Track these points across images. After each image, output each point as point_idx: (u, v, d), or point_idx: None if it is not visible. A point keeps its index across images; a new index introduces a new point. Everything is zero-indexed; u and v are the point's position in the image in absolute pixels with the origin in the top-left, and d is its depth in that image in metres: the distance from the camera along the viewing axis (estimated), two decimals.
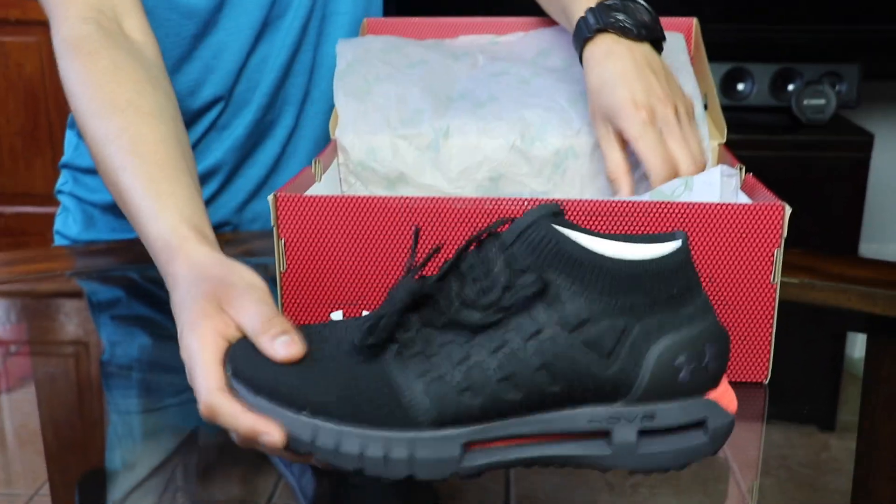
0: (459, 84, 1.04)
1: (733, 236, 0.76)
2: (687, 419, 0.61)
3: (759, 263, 0.76)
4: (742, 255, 0.76)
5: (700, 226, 0.76)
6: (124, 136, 0.84)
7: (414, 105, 0.98)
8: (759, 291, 0.77)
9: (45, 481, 0.67)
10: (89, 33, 0.92)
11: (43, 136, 2.58)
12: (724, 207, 0.76)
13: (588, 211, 0.77)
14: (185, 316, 0.65)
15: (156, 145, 0.83)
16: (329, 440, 0.59)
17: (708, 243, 0.76)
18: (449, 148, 0.96)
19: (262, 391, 0.60)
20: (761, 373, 0.79)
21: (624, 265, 0.59)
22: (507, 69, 1.04)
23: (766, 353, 0.78)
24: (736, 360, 0.79)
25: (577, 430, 0.61)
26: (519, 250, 0.60)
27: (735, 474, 0.68)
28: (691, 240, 0.76)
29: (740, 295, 0.77)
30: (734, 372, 0.79)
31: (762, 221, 0.75)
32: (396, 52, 1.07)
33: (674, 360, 0.60)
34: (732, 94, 2.38)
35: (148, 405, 0.78)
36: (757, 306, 0.77)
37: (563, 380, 0.59)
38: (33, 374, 0.86)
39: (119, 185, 0.82)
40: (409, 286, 0.61)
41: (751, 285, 0.77)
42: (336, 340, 0.63)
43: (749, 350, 0.78)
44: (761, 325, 0.78)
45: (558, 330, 0.59)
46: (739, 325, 0.78)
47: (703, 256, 0.77)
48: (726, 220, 0.76)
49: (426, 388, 0.59)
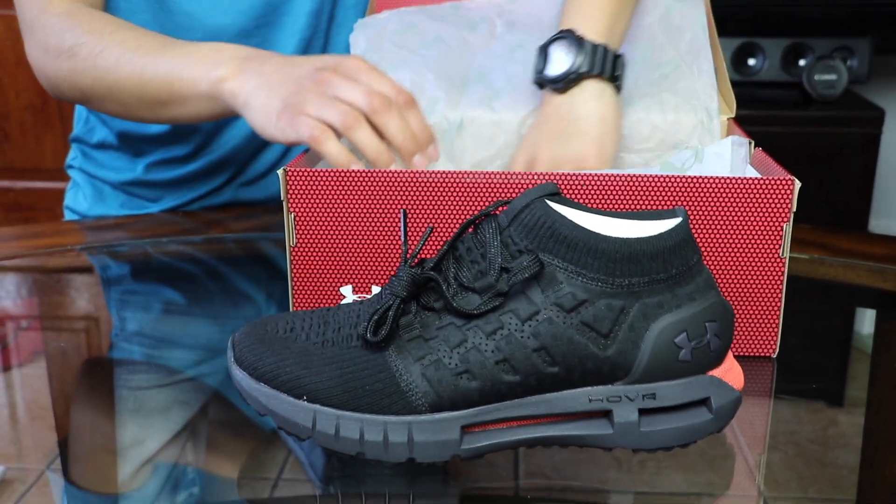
0: (476, 61, 1.02)
1: (742, 210, 0.76)
2: (689, 397, 0.62)
3: (769, 237, 0.76)
4: (751, 228, 0.76)
5: (709, 199, 0.76)
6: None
7: (430, 93, 0.97)
8: (768, 265, 0.77)
9: (56, 456, 0.68)
10: (81, 6, 1.06)
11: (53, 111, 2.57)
12: (734, 181, 0.75)
13: (594, 185, 0.76)
14: None
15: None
16: (329, 425, 0.60)
17: (717, 217, 0.76)
18: (462, 140, 0.96)
19: (263, 378, 0.61)
20: (770, 347, 0.79)
21: (621, 244, 0.59)
22: (524, 41, 1.02)
23: (775, 327, 0.78)
24: (745, 334, 0.79)
25: (577, 411, 0.61)
26: (515, 232, 0.60)
27: (743, 450, 0.68)
28: (700, 214, 0.76)
29: (749, 268, 0.77)
30: (743, 346, 0.79)
31: (771, 195, 0.75)
32: (412, 32, 1.05)
33: (674, 338, 0.60)
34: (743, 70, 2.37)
35: (158, 380, 0.79)
36: (766, 280, 0.77)
37: (562, 361, 0.59)
38: (44, 349, 0.86)
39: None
40: (409, 274, 0.61)
41: (760, 259, 0.77)
42: (336, 325, 0.63)
43: (758, 324, 0.79)
44: (770, 298, 0.78)
45: (556, 311, 0.59)
46: (748, 299, 0.78)
47: (711, 230, 0.76)
48: (735, 194, 0.75)
49: (424, 371, 0.59)
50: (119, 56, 0.99)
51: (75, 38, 1.02)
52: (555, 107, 0.92)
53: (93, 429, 0.73)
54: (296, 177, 0.78)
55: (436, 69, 1.00)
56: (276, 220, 1.14)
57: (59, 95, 1.10)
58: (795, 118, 2.29)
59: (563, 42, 0.91)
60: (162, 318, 0.92)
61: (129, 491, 0.65)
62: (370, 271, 0.80)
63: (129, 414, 0.74)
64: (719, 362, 0.63)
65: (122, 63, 0.99)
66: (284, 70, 0.89)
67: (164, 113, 1.00)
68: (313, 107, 0.84)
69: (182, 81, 0.95)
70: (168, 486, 0.64)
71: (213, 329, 0.89)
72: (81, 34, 1.02)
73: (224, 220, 1.17)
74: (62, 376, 0.81)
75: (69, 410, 0.76)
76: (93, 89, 1.03)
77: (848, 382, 0.82)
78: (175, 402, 0.75)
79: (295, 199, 0.79)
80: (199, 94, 0.94)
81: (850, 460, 0.68)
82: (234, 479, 0.65)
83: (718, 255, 0.77)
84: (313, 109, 0.84)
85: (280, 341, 0.62)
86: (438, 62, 1.01)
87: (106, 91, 1.02)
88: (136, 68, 0.98)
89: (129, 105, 1.02)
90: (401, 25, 1.05)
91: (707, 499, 0.64)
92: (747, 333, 0.79)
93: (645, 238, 0.59)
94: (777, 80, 2.36)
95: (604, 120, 0.90)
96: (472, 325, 0.59)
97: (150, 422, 0.72)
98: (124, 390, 0.78)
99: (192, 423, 0.72)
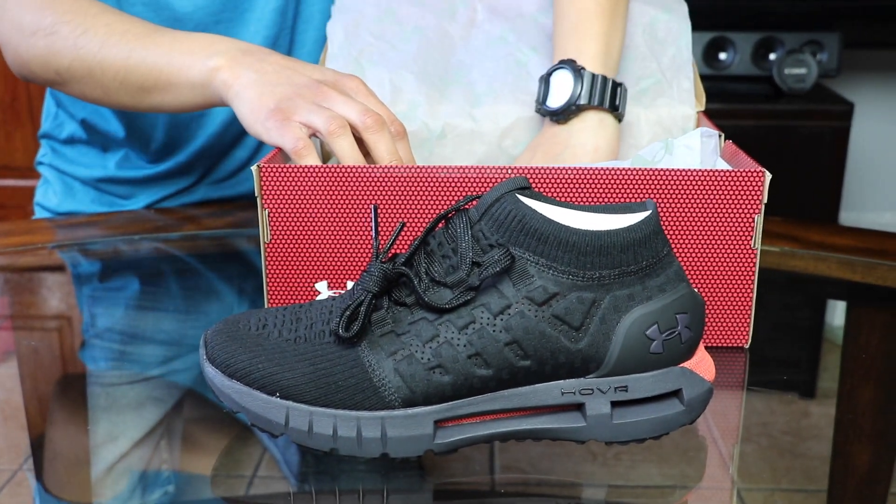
0: (455, 56, 1.02)
1: (714, 202, 0.76)
2: (660, 389, 0.62)
3: (740, 229, 0.77)
4: (722, 220, 0.77)
5: (680, 192, 0.76)
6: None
7: (409, 96, 0.97)
8: (739, 257, 0.78)
9: (28, 456, 0.67)
10: None
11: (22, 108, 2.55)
12: (705, 174, 0.76)
13: (565, 178, 0.77)
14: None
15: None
16: (302, 422, 0.60)
17: (688, 209, 0.77)
18: (442, 149, 0.96)
19: (236, 375, 0.61)
20: (742, 337, 0.79)
21: (591, 237, 0.59)
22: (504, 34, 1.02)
23: (747, 318, 0.79)
24: (717, 325, 0.79)
25: (550, 404, 0.61)
26: (486, 226, 0.60)
27: (716, 442, 0.68)
28: (671, 206, 0.76)
29: (721, 260, 0.78)
30: (716, 337, 0.80)
31: (742, 187, 0.76)
32: (390, 19, 1.04)
33: (645, 330, 0.60)
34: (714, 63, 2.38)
35: (131, 378, 0.78)
36: (738, 271, 0.78)
37: (534, 355, 0.59)
38: (16, 348, 0.86)
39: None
40: (381, 269, 0.61)
41: (731, 250, 0.77)
42: (309, 322, 0.63)
43: (730, 314, 0.79)
44: (742, 289, 0.78)
45: (527, 305, 0.59)
46: (721, 291, 0.79)
47: (683, 223, 0.77)
48: (706, 186, 0.76)
49: (396, 366, 0.59)
50: (104, 38, 0.98)
51: (56, 15, 1.00)
52: (552, 133, 0.93)
53: (66, 427, 0.72)
54: (269, 173, 0.78)
55: (415, 68, 0.99)
56: (249, 216, 1.14)
57: (29, 76, 1.07)
58: (766, 112, 2.30)
59: (562, 72, 0.93)
60: (134, 315, 0.91)
61: (103, 489, 0.64)
62: (345, 267, 0.80)
63: (102, 412, 0.74)
64: (690, 354, 0.63)
65: (106, 45, 0.98)
66: (284, 73, 0.88)
67: (146, 100, 0.98)
68: (304, 112, 0.83)
69: (171, 68, 0.94)
70: (142, 485, 0.64)
71: (186, 326, 0.89)
72: (64, 12, 1.00)
73: (197, 216, 1.17)
74: (34, 375, 0.80)
75: (42, 409, 0.75)
76: (70, 70, 1.01)
77: (819, 374, 0.83)
78: (148, 400, 0.75)
79: (269, 195, 0.79)
80: (189, 82, 0.93)
81: (821, 451, 0.68)
82: (209, 476, 0.65)
83: (690, 247, 0.78)
84: (303, 114, 0.83)
85: (252, 338, 0.62)
86: (417, 59, 1.00)
87: (86, 72, 1.00)
88: (122, 52, 0.97)
89: (109, 89, 1.00)
90: (378, 11, 1.04)
91: (681, 490, 0.64)
92: (720, 324, 0.79)
93: (615, 230, 0.59)
94: (748, 74, 2.37)
95: (597, 150, 0.92)
96: (444, 320, 0.59)
97: (123, 420, 0.72)
98: (97, 388, 0.78)
99: (165, 421, 0.71)
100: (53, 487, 0.65)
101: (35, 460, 0.67)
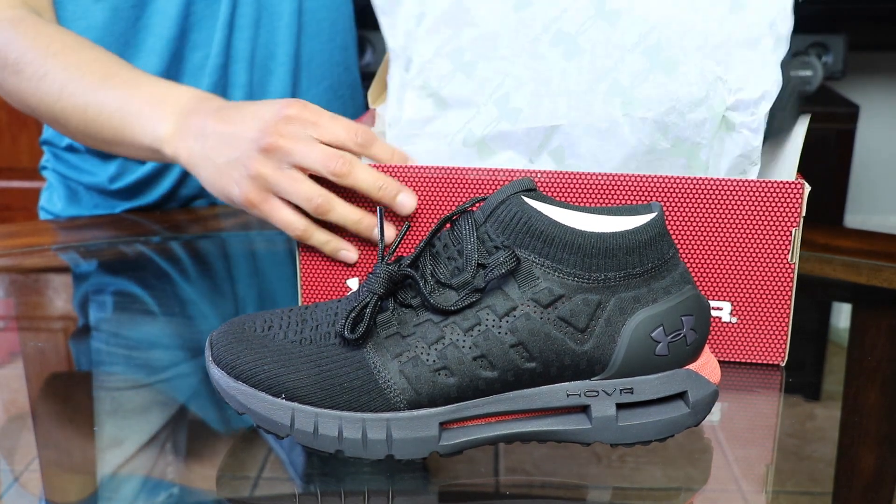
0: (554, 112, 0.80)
1: (750, 213, 0.74)
2: (666, 391, 0.62)
3: (777, 242, 0.75)
4: (759, 233, 0.75)
5: (717, 201, 0.74)
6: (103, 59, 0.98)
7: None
8: (776, 270, 0.75)
9: (34, 457, 0.67)
10: (25, 14, 1.03)
11: None
12: (742, 184, 0.74)
13: (603, 185, 0.75)
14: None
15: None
16: (307, 423, 0.60)
17: (725, 220, 0.75)
18: None
19: (241, 377, 0.61)
20: (778, 355, 0.78)
21: (597, 239, 0.59)
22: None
23: (784, 334, 0.77)
24: (752, 341, 0.77)
25: (555, 406, 0.61)
26: (491, 228, 0.60)
27: (721, 444, 0.68)
28: (707, 216, 0.75)
29: (757, 274, 0.76)
30: (750, 353, 0.78)
31: (780, 199, 0.74)
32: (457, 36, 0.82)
33: (650, 332, 0.60)
34: None
35: (136, 380, 0.78)
36: (774, 286, 0.76)
37: (539, 356, 0.59)
38: (20, 349, 0.86)
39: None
40: (387, 271, 0.61)
41: (768, 264, 0.75)
42: (314, 323, 0.63)
43: (766, 331, 0.77)
44: (779, 304, 0.76)
45: (532, 307, 0.59)
46: (756, 306, 0.76)
47: (719, 233, 0.75)
48: (744, 197, 0.74)
49: (402, 368, 0.59)
50: (62, 86, 0.97)
51: (18, 53, 1.00)
52: None
53: (71, 429, 0.72)
54: None
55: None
56: (253, 218, 1.14)
57: (13, 105, 1.07)
58: None
59: None
60: (139, 317, 0.91)
61: (108, 491, 0.64)
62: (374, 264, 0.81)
63: (108, 414, 0.74)
64: (696, 356, 0.63)
65: (64, 94, 0.97)
66: (225, 135, 0.82)
67: (113, 150, 0.98)
68: (279, 188, 0.78)
69: (125, 130, 0.92)
70: (148, 487, 0.64)
71: (191, 328, 0.89)
72: (25, 50, 0.99)
73: (202, 218, 1.17)
74: (39, 376, 0.80)
75: (46, 411, 0.75)
76: (37, 111, 1.02)
77: (824, 376, 0.82)
78: (153, 402, 0.75)
79: None
80: (142, 146, 0.91)
81: (826, 453, 0.68)
82: (214, 478, 0.65)
83: (725, 258, 0.76)
84: (281, 192, 0.79)
85: (258, 340, 0.62)
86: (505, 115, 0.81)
87: (51, 118, 1.00)
88: (79, 103, 0.96)
89: (76, 136, 1.00)
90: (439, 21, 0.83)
91: (686, 493, 0.64)
92: (755, 340, 0.77)
93: (620, 232, 0.59)
94: None
95: None
96: (450, 322, 0.59)
97: (128, 422, 0.72)
98: (102, 390, 0.78)
99: (170, 423, 0.71)
100: (58, 489, 0.65)
101: (40, 462, 0.67)
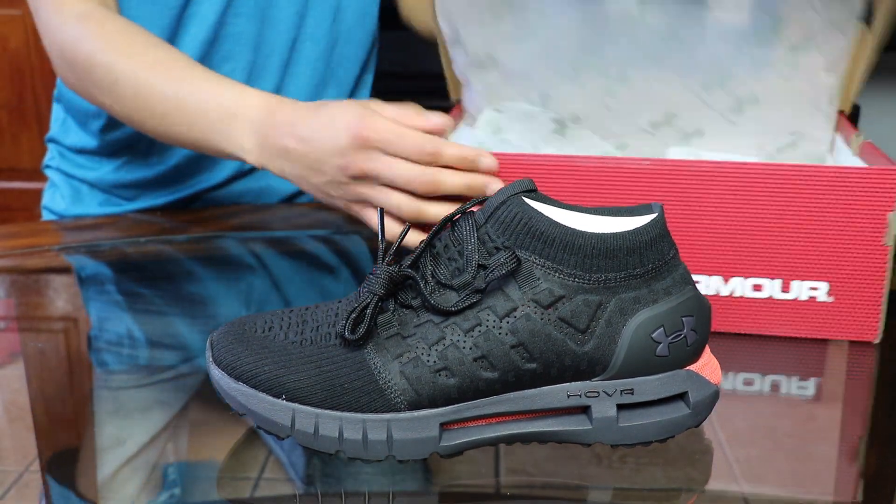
0: None
1: (848, 199, 0.78)
2: (666, 392, 0.62)
3: (872, 226, 0.79)
4: (855, 217, 0.79)
5: (812, 189, 0.78)
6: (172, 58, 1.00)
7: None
8: (871, 253, 0.79)
9: (34, 458, 0.67)
10: (93, 8, 1.04)
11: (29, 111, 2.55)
12: (840, 171, 0.78)
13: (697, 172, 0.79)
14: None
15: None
16: (308, 424, 0.60)
17: (825, 205, 0.79)
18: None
19: (242, 377, 0.61)
20: (871, 332, 0.81)
21: (597, 239, 0.59)
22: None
23: (877, 314, 0.81)
24: (847, 319, 0.81)
25: (556, 407, 0.61)
26: (492, 229, 0.60)
27: (721, 445, 0.68)
28: (804, 202, 0.78)
29: (852, 257, 0.80)
30: (845, 331, 0.81)
31: (876, 185, 0.78)
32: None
33: (651, 333, 0.60)
34: None
35: (137, 381, 0.78)
36: (869, 267, 0.80)
37: (540, 357, 0.59)
38: (22, 350, 0.86)
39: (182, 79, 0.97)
40: (387, 272, 0.61)
41: (864, 247, 0.79)
42: (314, 324, 0.63)
43: (860, 310, 0.81)
44: (873, 284, 0.80)
45: (533, 307, 0.59)
46: (850, 286, 0.80)
47: (819, 217, 0.79)
48: (841, 183, 0.78)
49: (402, 369, 0.59)
50: (135, 92, 0.98)
51: (88, 54, 1.01)
52: None
53: (72, 430, 0.72)
54: None
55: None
56: (255, 218, 1.14)
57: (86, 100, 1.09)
58: None
59: None
60: (140, 318, 0.91)
61: (109, 492, 0.65)
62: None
63: (109, 414, 0.74)
64: (696, 357, 0.63)
65: (139, 101, 0.98)
66: (309, 160, 0.87)
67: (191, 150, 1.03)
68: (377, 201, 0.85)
69: (206, 143, 0.95)
70: (149, 487, 0.64)
71: (192, 329, 0.89)
72: (95, 51, 1.00)
73: (203, 218, 1.17)
74: (40, 377, 0.80)
75: (48, 411, 0.75)
76: (111, 111, 1.03)
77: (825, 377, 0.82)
78: (154, 403, 0.75)
79: None
80: (229, 156, 0.95)
81: (828, 454, 0.68)
82: (215, 479, 0.65)
83: (825, 241, 0.79)
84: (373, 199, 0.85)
85: (258, 341, 0.62)
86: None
87: (126, 119, 1.02)
88: (156, 112, 0.97)
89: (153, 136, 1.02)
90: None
91: (686, 494, 0.64)
92: (850, 320, 0.81)
93: (620, 233, 0.59)
94: None
95: None
96: (450, 323, 0.59)
97: (129, 422, 0.72)
98: (103, 391, 0.78)
99: (171, 424, 0.72)
100: (59, 489, 0.65)
101: (41, 462, 0.67)
